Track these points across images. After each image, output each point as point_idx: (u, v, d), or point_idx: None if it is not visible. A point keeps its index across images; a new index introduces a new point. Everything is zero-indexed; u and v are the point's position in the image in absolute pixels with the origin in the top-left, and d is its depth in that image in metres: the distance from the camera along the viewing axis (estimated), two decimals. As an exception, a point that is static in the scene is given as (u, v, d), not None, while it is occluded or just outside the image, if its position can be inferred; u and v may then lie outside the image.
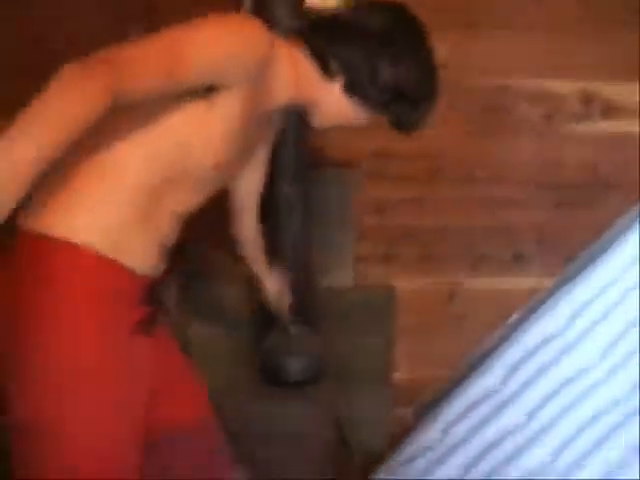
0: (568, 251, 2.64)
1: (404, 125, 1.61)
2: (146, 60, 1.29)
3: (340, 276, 2.71)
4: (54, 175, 1.35)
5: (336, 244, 2.68)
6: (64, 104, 1.17)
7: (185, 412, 1.62)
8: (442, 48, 2.58)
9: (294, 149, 2.39)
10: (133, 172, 1.41)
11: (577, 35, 2.75)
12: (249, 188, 1.89)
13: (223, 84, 1.41)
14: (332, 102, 1.57)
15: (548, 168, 2.80)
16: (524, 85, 2.76)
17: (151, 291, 1.51)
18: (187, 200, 1.52)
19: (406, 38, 1.55)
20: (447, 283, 2.82)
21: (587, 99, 2.80)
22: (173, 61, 1.32)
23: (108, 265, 1.40)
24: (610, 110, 2.82)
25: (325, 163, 2.63)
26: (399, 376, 2.83)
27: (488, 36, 2.72)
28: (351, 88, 1.54)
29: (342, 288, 2.72)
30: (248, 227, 1.96)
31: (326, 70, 1.54)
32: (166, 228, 1.51)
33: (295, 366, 2.36)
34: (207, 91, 1.41)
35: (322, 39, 1.55)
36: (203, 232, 2.02)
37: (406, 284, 2.78)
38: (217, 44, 1.38)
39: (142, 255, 1.46)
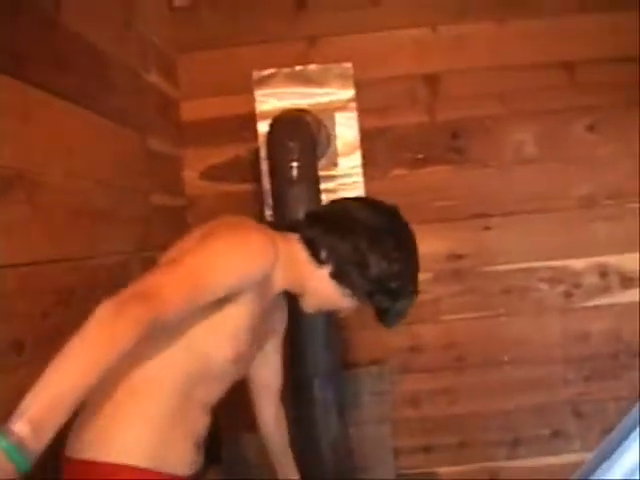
0: (605, 423, 2.65)
1: (384, 317, 1.71)
2: (172, 290, 1.40)
3: (382, 470, 2.74)
4: (92, 403, 1.51)
5: (375, 439, 2.72)
6: (100, 344, 1.26)
7: None
8: (458, 238, 2.80)
9: (326, 353, 2.49)
10: (164, 390, 1.57)
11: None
12: (266, 372, 1.97)
13: (236, 295, 1.55)
14: (320, 286, 1.68)
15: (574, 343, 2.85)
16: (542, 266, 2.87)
17: None
18: (212, 393, 1.67)
19: (395, 238, 1.67)
20: (488, 467, 2.83)
21: (603, 273, 2.89)
22: (195, 288, 1.44)
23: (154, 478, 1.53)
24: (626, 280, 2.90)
25: (356, 363, 2.73)
26: None
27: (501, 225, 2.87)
28: (339, 275, 1.66)
29: (385, 482, 2.75)
30: (269, 414, 2.03)
31: (317, 257, 1.66)
32: (199, 424, 1.65)
33: None
34: (221, 300, 1.55)
35: (318, 229, 1.69)
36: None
37: (448, 472, 2.80)
38: (230, 269, 1.51)
39: (182, 456, 1.61)
